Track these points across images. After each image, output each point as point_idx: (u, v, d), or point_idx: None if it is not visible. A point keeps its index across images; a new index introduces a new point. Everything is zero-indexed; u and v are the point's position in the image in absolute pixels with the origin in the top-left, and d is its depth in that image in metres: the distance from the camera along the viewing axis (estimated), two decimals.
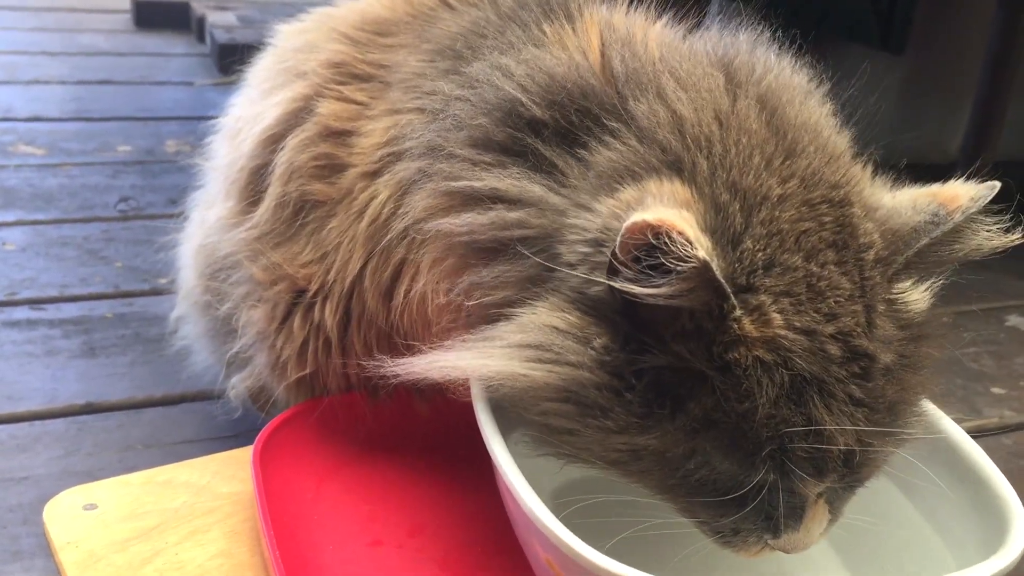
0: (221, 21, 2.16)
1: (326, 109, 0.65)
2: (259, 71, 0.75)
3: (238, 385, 0.75)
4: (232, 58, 2.24)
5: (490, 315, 0.53)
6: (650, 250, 0.44)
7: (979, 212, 0.51)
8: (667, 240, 0.43)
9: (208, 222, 0.74)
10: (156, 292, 1.14)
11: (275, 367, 0.69)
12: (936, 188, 0.53)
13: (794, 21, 0.60)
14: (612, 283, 0.46)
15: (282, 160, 0.65)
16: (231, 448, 0.74)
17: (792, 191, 0.50)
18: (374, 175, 0.62)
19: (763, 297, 0.47)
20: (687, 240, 0.43)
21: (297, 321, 0.66)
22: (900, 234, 0.52)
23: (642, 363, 0.48)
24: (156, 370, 1.00)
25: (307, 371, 0.67)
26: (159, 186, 1.46)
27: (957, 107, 1.86)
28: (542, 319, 0.49)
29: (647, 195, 0.48)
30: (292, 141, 0.66)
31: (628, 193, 0.49)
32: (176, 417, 0.93)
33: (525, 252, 0.51)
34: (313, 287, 0.65)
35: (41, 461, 0.85)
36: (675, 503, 0.52)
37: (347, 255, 0.62)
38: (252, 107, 0.71)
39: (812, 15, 1.75)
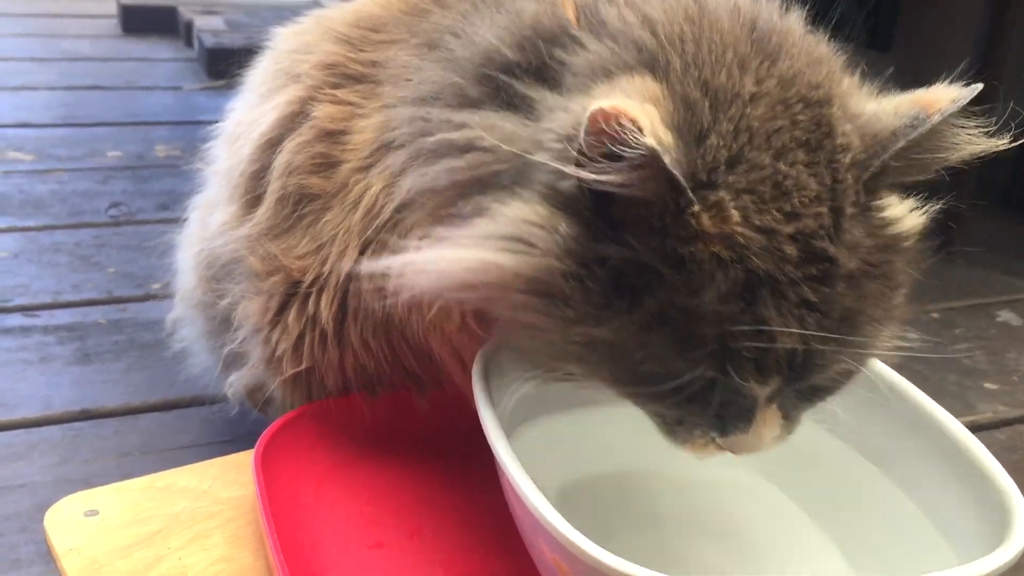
0: (209, 25, 2.16)
1: (321, 112, 0.65)
2: (257, 74, 0.75)
3: (235, 383, 0.75)
4: (221, 62, 2.24)
5: None
6: (612, 140, 0.45)
7: (962, 116, 0.51)
8: (616, 127, 0.44)
9: (210, 227, 0.74)
10: (149, 297, 1.14)
11: (271, 362, 0.69)
12: (920, 92, 0.53)
13: None
14: (565, 168, 0.47)
15: (280, 161, 0.66)
16: (228, 453, 0.74)
17: (768, 90, 0.50)
18: (367, 168, 0.63)
19: (723, 194, 0.47)
20: (637, 127, 0.44)
21: (293, 314, 0.66)
22: (879, 138, 0.51)
23: (605, 252, 0.48)
24: (151, 376, 0.99)
25: (303, 367, 0.67)
26: (149, 191, 1.45)
27: None
28: (514, 212, 0.50)
29: (617, 89, 0.49)
30: (289, 144, 0.66)
31: (600, 89, 0.50)
32: (172, 423, 0.93)
33: (501, 177, 0.52)
34: (308, 279, 0.65)
35: (37, 469, 0.84)
36: (628, 396, 0.52)
37: (342, 246, 0.63)
38: (251, 112, 0.71)
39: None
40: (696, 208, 0.46)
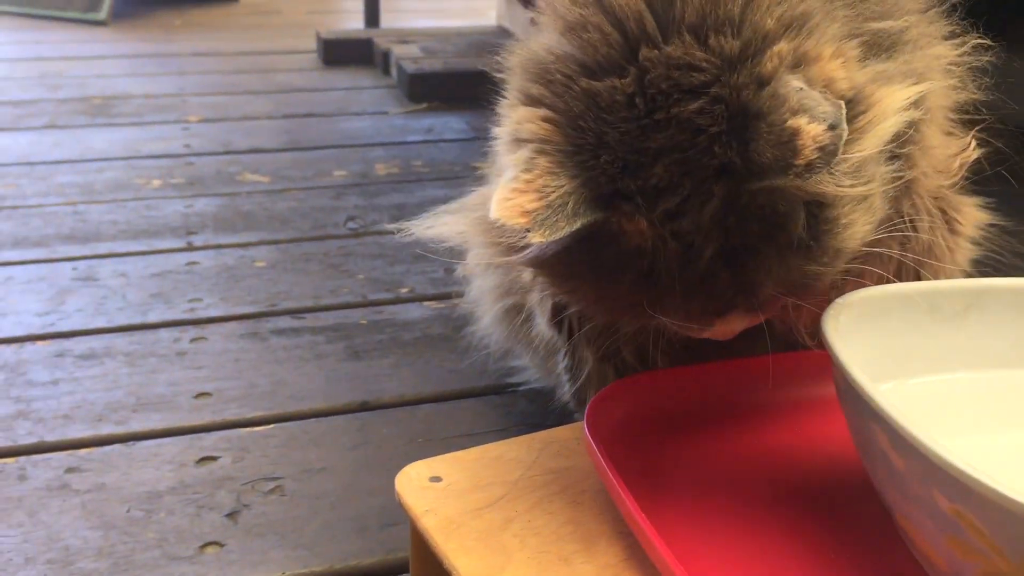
0: (406, 53, 2.24)
1: None
2: None
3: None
4: (421, 87, 2.29)
5: None
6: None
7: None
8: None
9: None
10: (401, 300, 1.18)
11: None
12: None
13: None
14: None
15: None
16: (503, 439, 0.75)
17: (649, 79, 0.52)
18: None
19: (625, 204, 0.52)
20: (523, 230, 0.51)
21: None
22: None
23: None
24: (418, 371, 1.03)
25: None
26: (379, 205, 1.51)
27: None
28: None
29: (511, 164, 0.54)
30: None
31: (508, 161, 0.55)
32: (448, 413, 0.96)
33: None
34: None
35: (335, 453, 0.88)
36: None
37: None
38: None
39: None
40: (613, 219, 0.52)
